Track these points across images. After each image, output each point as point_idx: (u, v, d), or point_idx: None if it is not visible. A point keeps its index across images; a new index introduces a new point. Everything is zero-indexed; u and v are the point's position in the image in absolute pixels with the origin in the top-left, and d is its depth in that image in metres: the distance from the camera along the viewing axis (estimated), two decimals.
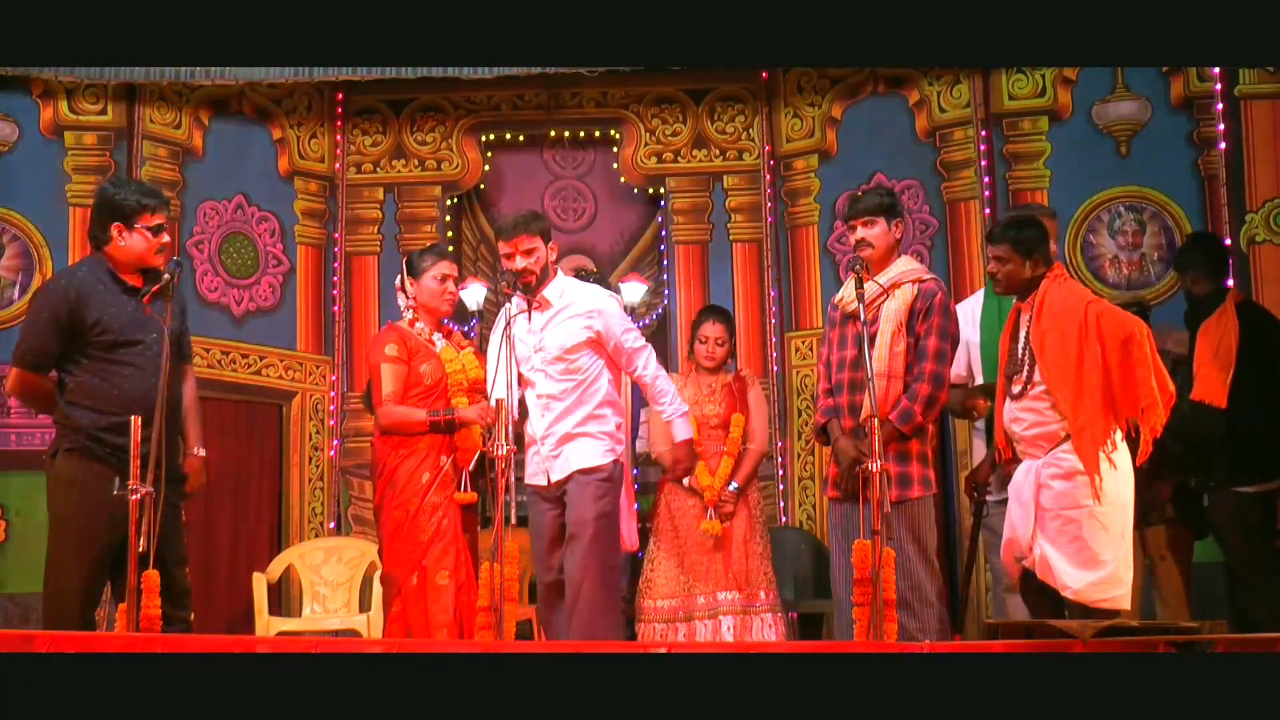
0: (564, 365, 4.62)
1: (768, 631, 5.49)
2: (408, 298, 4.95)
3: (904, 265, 4.79)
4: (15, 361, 4.43)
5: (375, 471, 4.88)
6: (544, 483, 4.64)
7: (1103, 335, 4.27)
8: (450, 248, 7.19)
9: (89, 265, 4.46)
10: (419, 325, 4.91)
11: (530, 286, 4.66)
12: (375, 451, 4.89)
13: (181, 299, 4.63)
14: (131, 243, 4.37)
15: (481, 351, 5.04)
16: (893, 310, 4.66)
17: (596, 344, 4.65)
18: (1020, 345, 4.46)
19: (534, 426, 4.66)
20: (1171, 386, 4.35)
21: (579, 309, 4.65)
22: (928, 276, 4.79)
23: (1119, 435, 4.28)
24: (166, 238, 4.45)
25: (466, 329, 5.14)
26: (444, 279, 4.91)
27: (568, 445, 4.59)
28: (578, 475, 4.57)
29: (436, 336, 4.92)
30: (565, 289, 4.72)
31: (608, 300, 4.77)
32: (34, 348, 4.36)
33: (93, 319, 4.31)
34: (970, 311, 5.09)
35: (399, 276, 5.01)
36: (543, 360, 4.64)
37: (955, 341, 4.78)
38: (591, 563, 4.49)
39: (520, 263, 4.64)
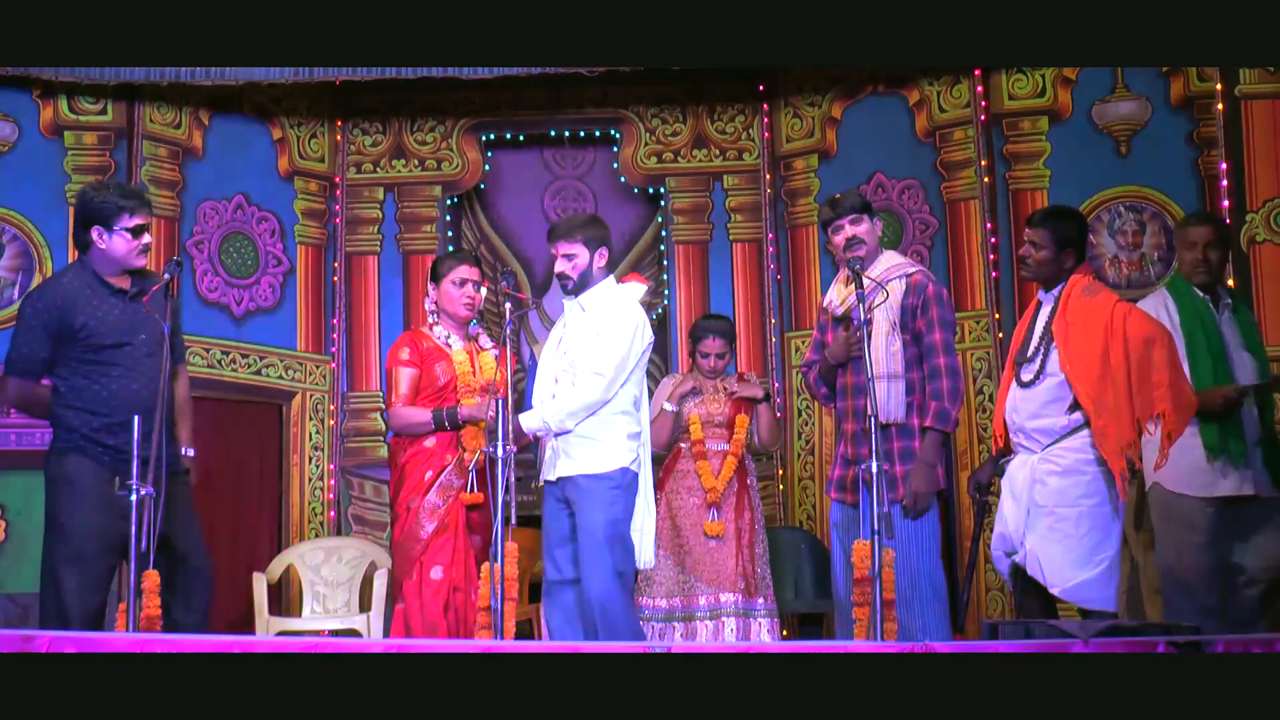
0: (578, 372, 4.62)
1: (766, 638, 5.48)
2: (431, 301, 5.02)
3: (888, 261, 4.81)
4: (8, 369, 4.49)
5: (390, 470, 5.01)
6: (552, 478, 4.65)
7: (1126, 335, 4.28)
8: (449, 247, 7.19)
9: (75, 270, 4.50)
10: (438, 329, 4.97)
11: (566, 290, 4.73)
12: (390, 451, 5.04)
13: (175, 299, 4.64)
14: (112, 245, 4.38)
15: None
16: (884, 309, 4.66)
17: None
18: (1036, 335, 4.46)
19: None
20: (1192, 397, 4.35)
21: (598, 317, 4.64)
22: (913, 269, 4.80)
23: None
24: (148, 238, 4.45)
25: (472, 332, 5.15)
26: (463, 282, 4.96)
27: (577, 446, 4.59)
28: (584, 480, 4.56)
29: (454, 339, 4.96)
30: (603, 299, 4.69)
31: (626, 318, 4.65)
32: (24, 355, 4.41)
33: (79, 323, 4.34)
34: (1161, 313, 4.80)
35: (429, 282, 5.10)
36: (565, 364, 4.66)
37: (954, 328, 4.80)
38: (605, 570, 4.48)
39: (559, 266, 4.71)
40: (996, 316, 6.45)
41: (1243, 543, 4.79)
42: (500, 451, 4.25)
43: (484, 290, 5.06)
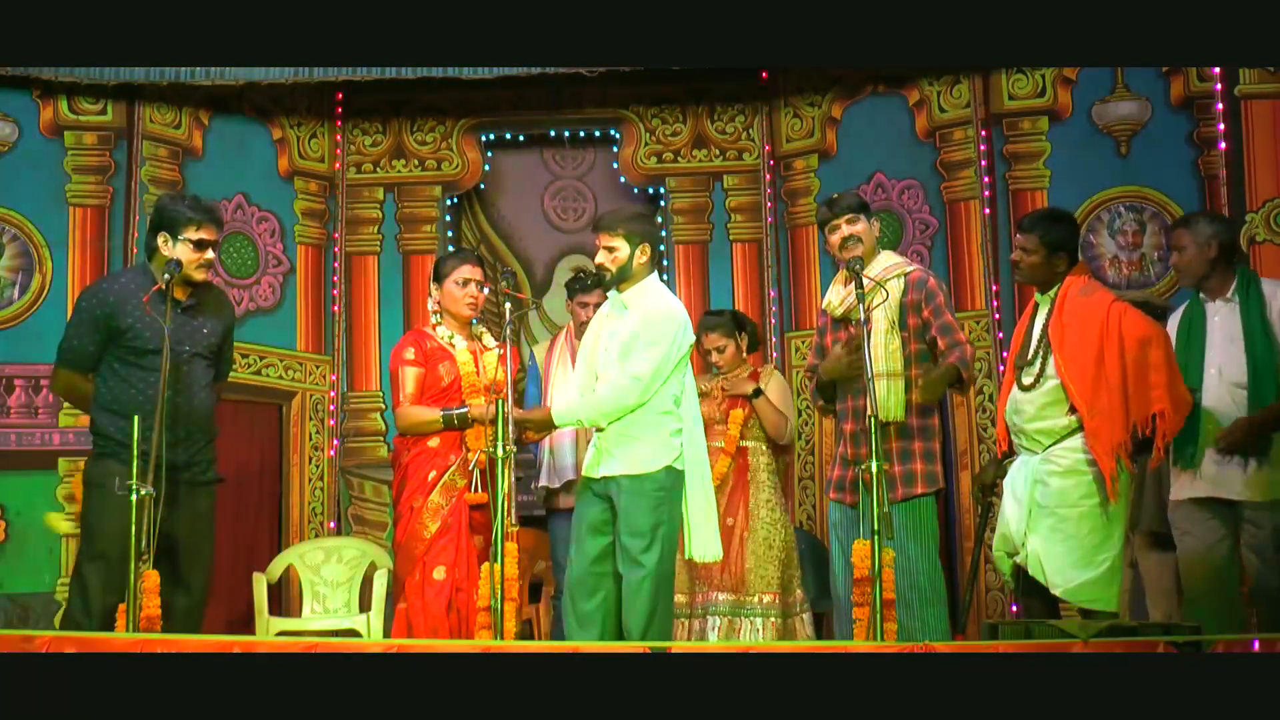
0: (617, 367, 4.61)
1: (756, 636, 5.43)
2: (434, 301, 5.02)
3: (885, 261, 4.84)
4: (57, 359, 4.65)
5: (394, 470, 5.03)
6: (594, 476, 4.62)
7: (1122, 334, 4.28)
8: (449, 248, 7.19)
9: (133, 272, 4.69)
10: (441, 329, 4.98)
11: (602, 283, 4.73)
12: (394, 450, 5.07)
13: (230, 318, 4.74)
14: (174, 253, 4.48)
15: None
16: (884, 308, 4.67)
17: None
18: (1035, 337, 4.47)
19: None
20: (1187, 395, 4.35)
21: (640, 314, 4.62)
22: (910, 267, 4.84)
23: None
24: (211, 254, 4.57)
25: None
26: (465, 282, 4.97)
27: (620, 445, 4.56)
28: (628, 481, 4.53)
29: (457, 339, 4.97)
30: (647, 296, 4.66)
31: (668, 317, 4.63)
32: (72, 347, 4.58)
33: (125, 325, 4.47)
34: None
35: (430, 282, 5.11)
36: (606, 359, 4.65)
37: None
38: (650, 575, 4.46)
39: (599, 258, 4.67)
40: (996, 317, 6.45)
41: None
42: (500, 451, 4.25)
43: (486, 290, 5.07)
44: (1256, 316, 4.67)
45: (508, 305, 4.88)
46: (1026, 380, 4.44)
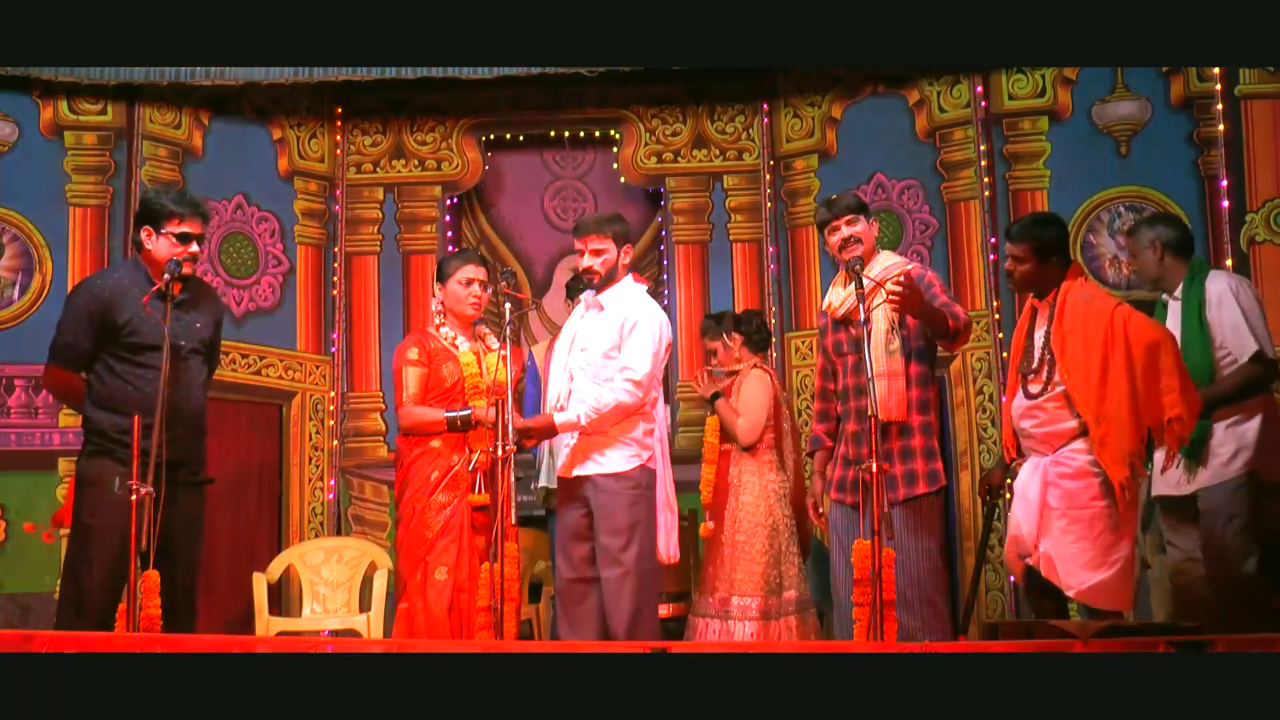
0: (599, 367, 4.63)
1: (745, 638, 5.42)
2: (437, 302, 5.02)
3: (885, 261, 4.85)
4: (50, 356, 4.55)
5: (396, 470, 5.02)
6: (568, 476, 4.66)
7: (1129, 341, 4.24)
8: (449, 248, 7.20)
9: (127, 267, 4.60)
10: (444, 330, 4.98)
11: (592, 285, 4.76)
12: (397, 450, 5.04)
13: (219, 311, 4.72)
14: (158, 247, 4.46)
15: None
16: (883, 308, 4.68)
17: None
18: (1038, 344, 4.45)
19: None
20: (1198, 398, 4.33)
21: (620, 316, 4.65)
22: (909, 266, 4.84)
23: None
24: (196, 248, 4.50)
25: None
26: (469, 282, 4.97)
27: (595, 445, 4.61)
28: (604, 480, 4.57)
29: (460, 339, 4.97)
30: (624, 297, 4.72)
31: (650, 318, 4.69)
32: (66, 343, 4.49)
33: (123, 319, 4.41)
34: None
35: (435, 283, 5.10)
36: (584, 359, 4.67)
37: None
38: (631, 573, 4.49)
39: (586, 261, 4.72)
40: (996, 317, 6.45)
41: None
42: (500, 451, 4.26)
43: (489, 290, 5.07)
44: (1194, 314, 4.72)
45: (508, 305, 4.89)
46: (1034, 389, 4.41)
